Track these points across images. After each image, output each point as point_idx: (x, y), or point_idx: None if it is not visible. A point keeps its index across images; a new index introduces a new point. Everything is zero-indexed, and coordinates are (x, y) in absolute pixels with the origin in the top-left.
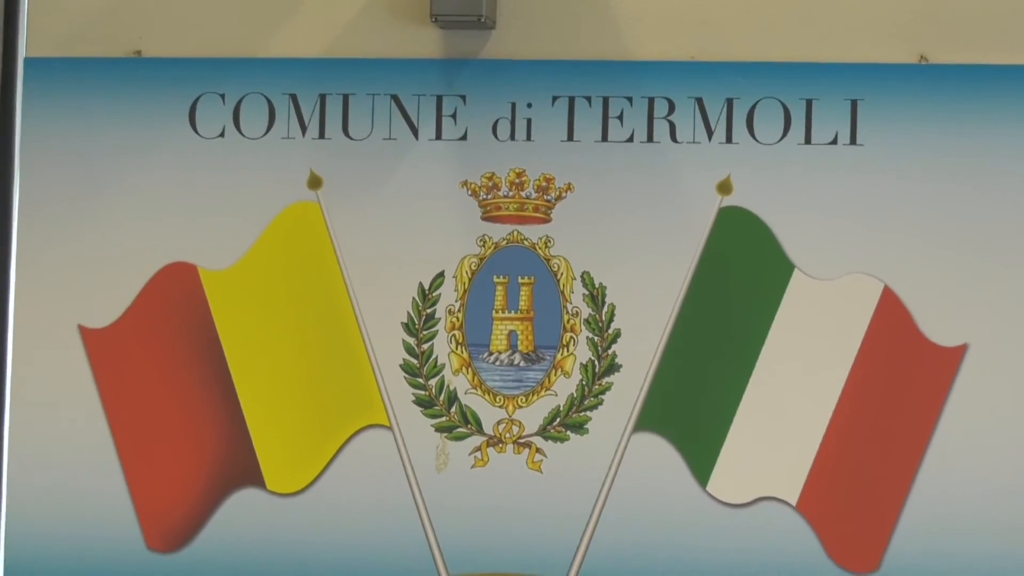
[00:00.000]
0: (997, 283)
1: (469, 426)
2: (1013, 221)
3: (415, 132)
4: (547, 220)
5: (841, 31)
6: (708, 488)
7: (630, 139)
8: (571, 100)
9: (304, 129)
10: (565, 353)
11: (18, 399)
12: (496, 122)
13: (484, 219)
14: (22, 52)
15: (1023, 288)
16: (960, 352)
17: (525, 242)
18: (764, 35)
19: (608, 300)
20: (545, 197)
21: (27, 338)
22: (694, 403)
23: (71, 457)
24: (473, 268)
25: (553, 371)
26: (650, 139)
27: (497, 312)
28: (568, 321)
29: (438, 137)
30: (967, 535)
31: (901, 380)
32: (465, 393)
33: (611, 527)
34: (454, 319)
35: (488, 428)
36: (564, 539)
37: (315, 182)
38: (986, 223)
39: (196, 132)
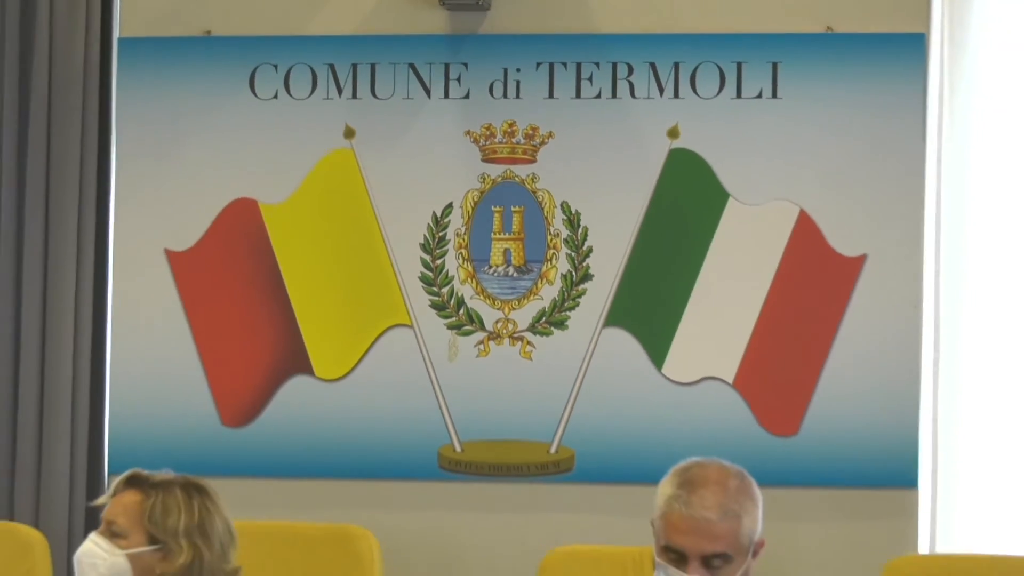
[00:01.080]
0: (887, 207)
1: (474, 324)
2: (899, 158)
3: (428, 93)
4: (533, 161)
5: (763, 7)
6: (663, 371)
7: (598, 96)
8: (551, 66)
9: (340, 91)
10: (549, 266)
11: (118, 309)
12: (492, 84)
13: (483, 161)
14: (116, 33)
15: (907, 210)
16: (860, 261)
17: (516, 178)
18: (703, 12)
19: (582, 224)
20: (532, 143)
21: (124, 260)
22: (651, 304)
23: (161, 353)
24: (475, 200)
25: (540, 280)
26: (614, 96)
27: (495, 234)
28: (551, 240)
29: (446, 96)
30: (864, 403)
31: (814, 283)
32: (470, 298)
33: (587, 402)
34: (461, 240)
35: (489, 326)
36: (550, 412)
37: (349, 133)
38: (879, 160)
39: (255, 95)
